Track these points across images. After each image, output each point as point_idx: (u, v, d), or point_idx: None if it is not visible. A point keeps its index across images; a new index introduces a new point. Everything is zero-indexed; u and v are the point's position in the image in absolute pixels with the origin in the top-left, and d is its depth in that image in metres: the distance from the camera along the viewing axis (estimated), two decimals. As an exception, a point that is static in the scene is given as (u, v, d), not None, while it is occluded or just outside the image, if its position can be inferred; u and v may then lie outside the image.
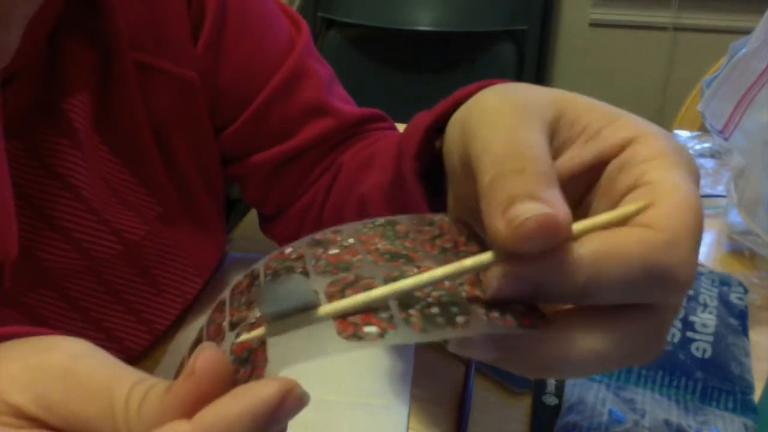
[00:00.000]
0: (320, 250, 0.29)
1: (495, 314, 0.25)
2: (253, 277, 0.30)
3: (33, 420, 0.24)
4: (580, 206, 0.31)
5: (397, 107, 0.83)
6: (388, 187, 0.45)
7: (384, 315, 0.25)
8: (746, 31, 0.69)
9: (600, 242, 0.26)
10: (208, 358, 0.23)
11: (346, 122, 0.58)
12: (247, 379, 0.24)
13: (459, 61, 1.83)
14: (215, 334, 0.28)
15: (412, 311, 0.25)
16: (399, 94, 1.84)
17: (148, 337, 0.54)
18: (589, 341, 0.27)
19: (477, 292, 0.26)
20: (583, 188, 0.31)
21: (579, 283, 0.25)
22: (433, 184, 0.40)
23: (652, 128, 0.29)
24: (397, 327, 0.24)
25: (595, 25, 1.99)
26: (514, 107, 0.29)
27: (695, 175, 0.28)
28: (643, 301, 0.27)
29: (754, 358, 0.50)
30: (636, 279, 0.25)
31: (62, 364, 0.25)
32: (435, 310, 0.25)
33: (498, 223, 0.25)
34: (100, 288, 0.50)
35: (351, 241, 0.30)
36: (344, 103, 0.59)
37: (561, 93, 0.31)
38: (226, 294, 0.30)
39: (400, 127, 0.63)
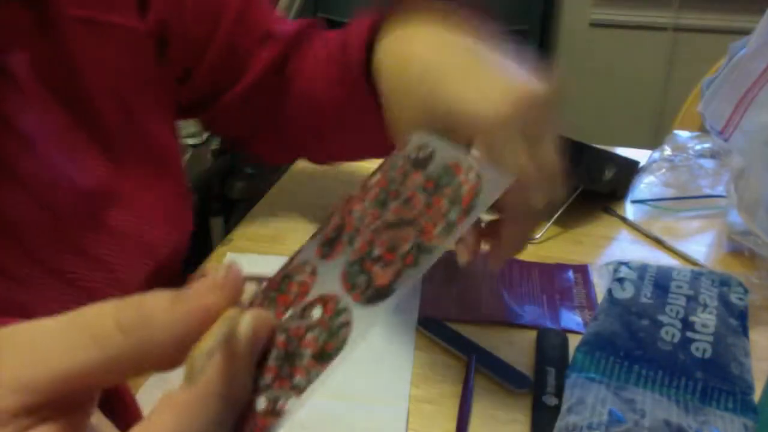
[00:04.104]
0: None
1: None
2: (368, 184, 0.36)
3: (34, 408, 0.23)
4: None
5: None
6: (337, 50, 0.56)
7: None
8: (746, 31, 0.69)
9: None
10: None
11: (287, 43, 0.63)
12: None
13: (459, 61, 1.83)
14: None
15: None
16: (399, 94, 1.83)
17: (116, 285, 0.53)
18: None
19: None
20: None
21: None
22: None
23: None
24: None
25: (595, 25, 1.99)
26: (472, 58, 0.42)
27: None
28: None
29: (754, 358, 0.50)
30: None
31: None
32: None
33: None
34: (57, 236, 0.49)
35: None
36: (279, 23, 0.64)
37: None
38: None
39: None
